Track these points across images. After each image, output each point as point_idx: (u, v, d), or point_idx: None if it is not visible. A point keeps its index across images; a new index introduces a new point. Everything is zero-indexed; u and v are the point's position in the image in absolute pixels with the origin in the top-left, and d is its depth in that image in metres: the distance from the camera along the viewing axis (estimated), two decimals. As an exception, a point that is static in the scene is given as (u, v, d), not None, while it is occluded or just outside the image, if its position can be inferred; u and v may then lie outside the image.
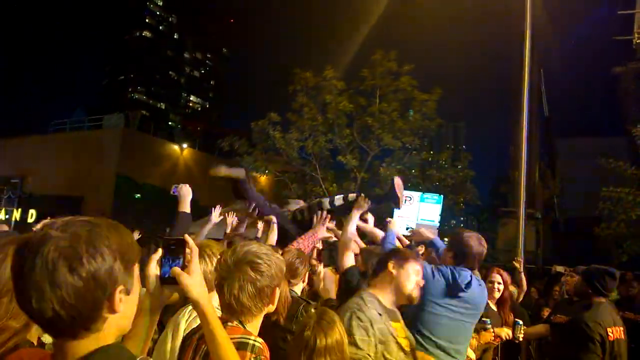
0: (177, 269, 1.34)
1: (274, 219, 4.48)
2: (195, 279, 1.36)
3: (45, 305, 0.98)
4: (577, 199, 21.97)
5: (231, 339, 1.52)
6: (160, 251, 1.39)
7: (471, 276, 3.16)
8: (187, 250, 1.38)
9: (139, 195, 26.43)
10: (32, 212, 24.54)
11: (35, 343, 1.57)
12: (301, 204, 5.42)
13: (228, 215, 4.90)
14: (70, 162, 26.83)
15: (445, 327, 3.03)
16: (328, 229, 4.21)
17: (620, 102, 22.45)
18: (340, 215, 4.43)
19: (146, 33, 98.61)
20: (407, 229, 13.77)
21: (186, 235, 1.40)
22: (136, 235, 5.16)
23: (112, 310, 1.06)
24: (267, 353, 1.65)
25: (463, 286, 3.07)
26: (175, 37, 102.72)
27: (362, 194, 4.02)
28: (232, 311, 1.76)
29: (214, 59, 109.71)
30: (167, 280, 1.36)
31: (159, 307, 1.43)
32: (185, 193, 3.68)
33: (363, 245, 4.18)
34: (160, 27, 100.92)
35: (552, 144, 27.96)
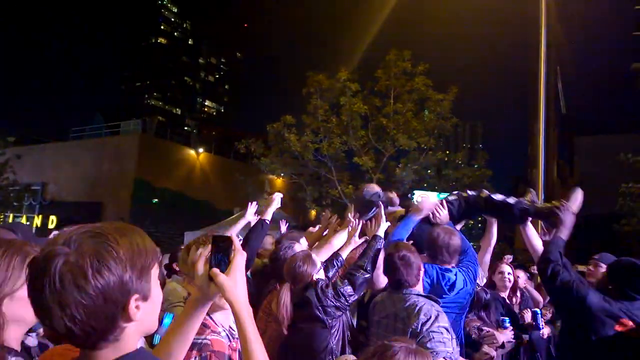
0: (215, 270, 1.34)
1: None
2: (232, 279, 1.34)
3: (56, 323, 0.97)
4: (595, 196, 21.59)
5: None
6: (209, 247, 1.39)
7: (456, 275, 3.17)
8: (233, 248, 1.38)
9: (156, 199, 26.71)
10: (53, 219, 24.98)
11: (19, 348, 1.51)
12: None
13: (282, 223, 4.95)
14: (89, 168, 27.23)
15: None
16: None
17: (640, 98, 22.06)
18: None
19: (161, 40, 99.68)
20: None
21: (233, 235, 1.40)
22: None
23: (129, 320, 1.03)
24: (215, 347, 1.69)
25: (446, 289, 3.11)
26: (189, 42, 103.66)
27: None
28: None
29: (228, 64, 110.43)
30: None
31: (206, 301, 1.43)
32: (273, 201, 3.83)
33: None
34: (175, 34, 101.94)
35: (570, 142, 27.57)
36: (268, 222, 3.79)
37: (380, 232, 3.48)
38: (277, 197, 3.89)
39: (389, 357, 1.95)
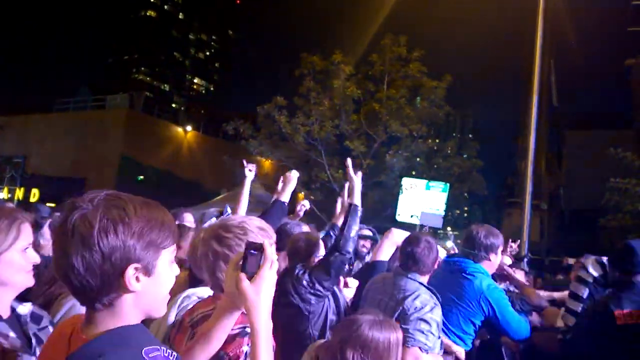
0: (240, 275, 1.30)
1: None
2: (256, 287, 1.29)
3: (59, 269, 1.06)
4: (583, 190, 21.86)
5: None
6: (241, 253, 1.35)
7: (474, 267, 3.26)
8: (264, 256, 1.32)
9: (142, 177, 26.36)
10: (35, 192, 24.49)
11: (7, 314, 1.52)
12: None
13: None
14: (74, 142, 26.75)
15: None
16: None
17: (633, 94, 22.21)
18: None
19: (151, 12, 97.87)
20: (411, 216, 13.69)
21: (266, 241, 1.34)
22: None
23: (126, 288, 1.08)
24: None
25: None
26: (180, 17, 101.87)
27: None
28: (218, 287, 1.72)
29: (220, 41, 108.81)
30: None
31: (234, 310, 1.39)
32: (290, 180, 3.50)
33: None
34: (165, 7, 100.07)
35: (560, 135, 27.77)
36: (286, 204, 3.47)
37: (357, 200, 2.97)
38: (294, 176, 3.54)
39: (354, 330, 1.97)
